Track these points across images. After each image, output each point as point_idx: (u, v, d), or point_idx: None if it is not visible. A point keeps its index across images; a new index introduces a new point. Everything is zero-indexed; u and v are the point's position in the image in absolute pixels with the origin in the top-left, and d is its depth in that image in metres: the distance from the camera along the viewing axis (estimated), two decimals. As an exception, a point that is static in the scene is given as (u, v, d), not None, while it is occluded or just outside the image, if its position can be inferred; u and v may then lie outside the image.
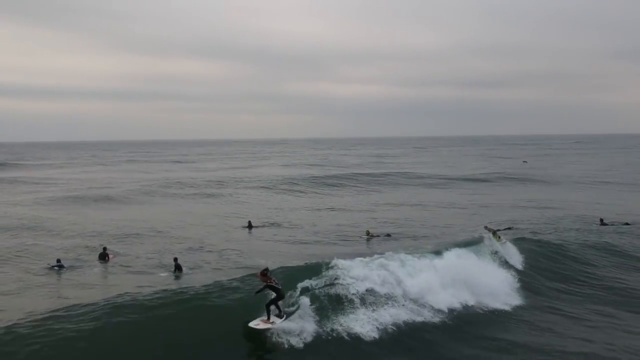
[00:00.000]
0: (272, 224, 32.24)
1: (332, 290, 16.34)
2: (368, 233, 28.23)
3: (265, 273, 14.12)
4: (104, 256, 22.95)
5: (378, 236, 28.05)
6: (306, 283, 16.23)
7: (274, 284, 14.02)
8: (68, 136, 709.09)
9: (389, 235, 28.20)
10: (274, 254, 23.65)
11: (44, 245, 26.12)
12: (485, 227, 23.78)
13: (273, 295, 14.02)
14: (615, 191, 49.42)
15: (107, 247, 24.00)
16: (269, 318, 14.00)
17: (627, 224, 30.66)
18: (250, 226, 30.96)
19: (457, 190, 51.33)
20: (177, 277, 20.09)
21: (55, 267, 21.57)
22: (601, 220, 30.99)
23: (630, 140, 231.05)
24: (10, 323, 13.81)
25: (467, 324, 16.41)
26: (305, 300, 15.04)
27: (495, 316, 17.31)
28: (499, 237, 22.08)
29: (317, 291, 16.08)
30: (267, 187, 51.99)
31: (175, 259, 21.30)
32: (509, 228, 25.56)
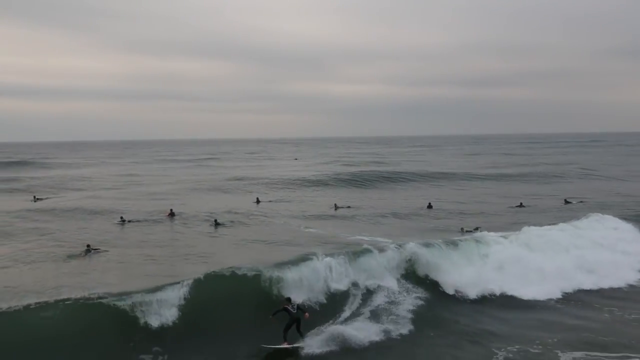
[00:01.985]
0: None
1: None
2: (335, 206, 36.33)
3: (286, 300, 14.99)
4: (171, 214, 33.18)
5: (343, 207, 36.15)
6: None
7: (289, 309, 14.59)
8: (68, 136, 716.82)
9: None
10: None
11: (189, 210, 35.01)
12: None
13: (287, 319, 14.56)
14: None
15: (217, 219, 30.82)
16: (285, 340, 14.37)
17: None
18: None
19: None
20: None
21: (121, 222, 30.99)
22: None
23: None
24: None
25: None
26: None
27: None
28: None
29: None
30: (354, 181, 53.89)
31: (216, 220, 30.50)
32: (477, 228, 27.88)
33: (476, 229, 28.19)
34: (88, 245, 23.64)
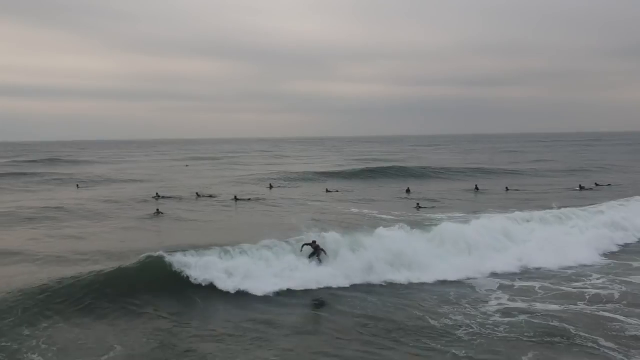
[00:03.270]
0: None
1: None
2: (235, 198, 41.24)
3: (313, 242, 20.21)
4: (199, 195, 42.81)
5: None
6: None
7: (313, 245, 19.99)
8: (67, 136, 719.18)
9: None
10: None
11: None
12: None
13: (311, 251, 19.98)
14: None
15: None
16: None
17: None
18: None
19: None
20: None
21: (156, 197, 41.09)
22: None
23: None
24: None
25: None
26: None
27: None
28: None
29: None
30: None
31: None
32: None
33: (432, 207, 35.35)
34: (157, 210, 34.08)
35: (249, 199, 40.48)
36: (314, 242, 20.20)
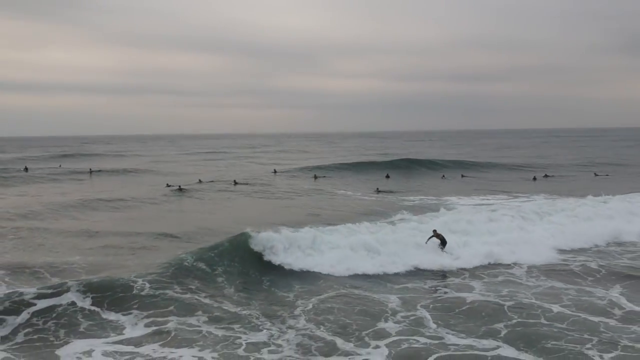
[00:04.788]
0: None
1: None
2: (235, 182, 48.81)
3: (434, 231, 21.76)
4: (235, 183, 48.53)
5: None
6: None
7: (436, 235, 21.48)
8: (58, 131, 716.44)
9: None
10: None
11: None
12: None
13: (438, 242, 21.41)
14: None
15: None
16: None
17: None
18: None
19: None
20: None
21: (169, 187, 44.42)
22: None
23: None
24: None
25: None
26: None
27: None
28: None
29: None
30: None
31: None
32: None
33: (391, 191, 40.77)
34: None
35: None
36: (435, 231, 21.74)
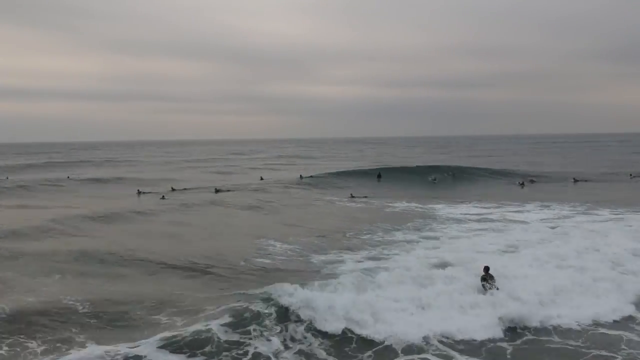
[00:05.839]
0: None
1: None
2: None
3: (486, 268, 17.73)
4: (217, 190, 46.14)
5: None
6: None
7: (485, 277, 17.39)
8: (44, 138, 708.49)
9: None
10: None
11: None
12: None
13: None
14: None
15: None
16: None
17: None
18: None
19: None
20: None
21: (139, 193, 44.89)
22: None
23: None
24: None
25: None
26: None
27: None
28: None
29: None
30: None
31: None
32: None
33: (364, 196, 40.36)
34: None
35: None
36: (486, 267, 17.81)
